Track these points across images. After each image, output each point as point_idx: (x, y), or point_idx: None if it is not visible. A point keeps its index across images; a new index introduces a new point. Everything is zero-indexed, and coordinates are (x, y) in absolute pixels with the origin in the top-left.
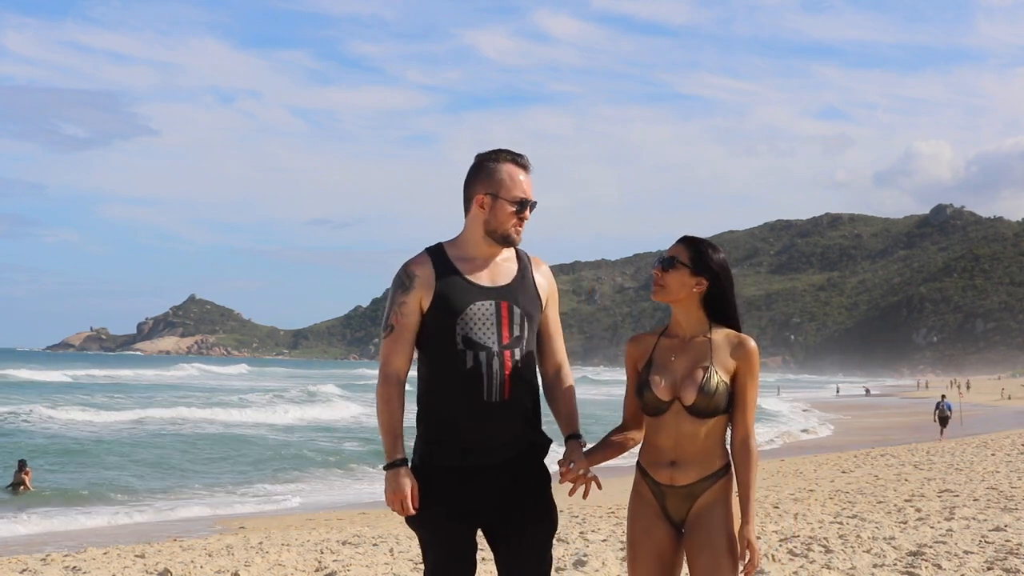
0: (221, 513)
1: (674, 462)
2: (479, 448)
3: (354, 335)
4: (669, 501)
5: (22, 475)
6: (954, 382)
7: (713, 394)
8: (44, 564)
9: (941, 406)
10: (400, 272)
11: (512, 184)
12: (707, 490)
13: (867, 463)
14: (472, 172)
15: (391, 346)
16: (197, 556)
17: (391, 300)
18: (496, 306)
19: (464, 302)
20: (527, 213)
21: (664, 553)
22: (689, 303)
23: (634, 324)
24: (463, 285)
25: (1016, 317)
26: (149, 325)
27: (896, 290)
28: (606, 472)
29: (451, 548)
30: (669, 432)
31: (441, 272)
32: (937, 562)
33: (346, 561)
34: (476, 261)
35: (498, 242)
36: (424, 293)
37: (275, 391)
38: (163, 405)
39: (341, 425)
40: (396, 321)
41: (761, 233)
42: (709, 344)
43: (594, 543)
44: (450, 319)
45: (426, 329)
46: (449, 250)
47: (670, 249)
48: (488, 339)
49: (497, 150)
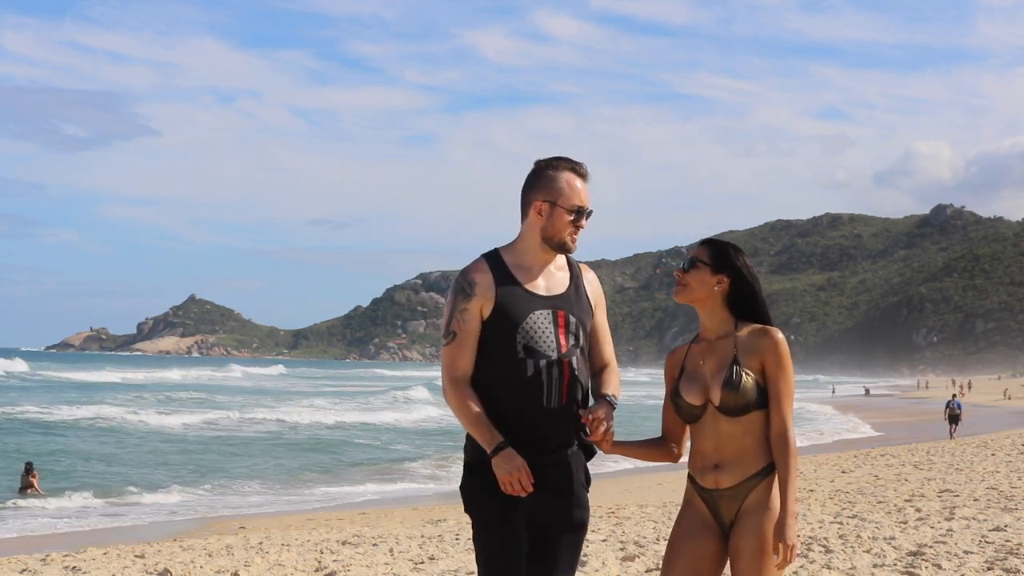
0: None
1: (717, 465)
2: (537, 447)
3: (354, 335)
4: (719, 505)
5: (29, 478)
6: (954, 382)
7: (738, 390)
8: (44, 564)
9: (951, 405)
10: (460, 280)
11: (571, 192)
12: (753, 490)
13: (867, 463)
14: (531, 178)
15: (455, 352)
16: (197, 556)
17: (452, 307)
18: (553, 315)
19: (524, 312)
20: (584, 222)
21: (700, 562)
22: (712, 303)
23: (634, 324)
24: (522, 294)
25: (1016, 317)
26: (149, 325)
27: (896, 290)
28: (607, 474)
29: (511, 540)
30: (709, 436)
31: (500, 280)
32: (937, 562)
33: (346, 561)
34: (532, 269)
35: (554, 249)
36: (485, 301)
37: (361, 394)
38: (266, 406)
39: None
40: (458, 328)
41: (761, 233)
42: (734, 342)
43: (594, 543)
44: (511, 328)
45: (486, 336)
46: (506, 257)
47: (691, 251)
48: (547, 348)
49: (557, 157)
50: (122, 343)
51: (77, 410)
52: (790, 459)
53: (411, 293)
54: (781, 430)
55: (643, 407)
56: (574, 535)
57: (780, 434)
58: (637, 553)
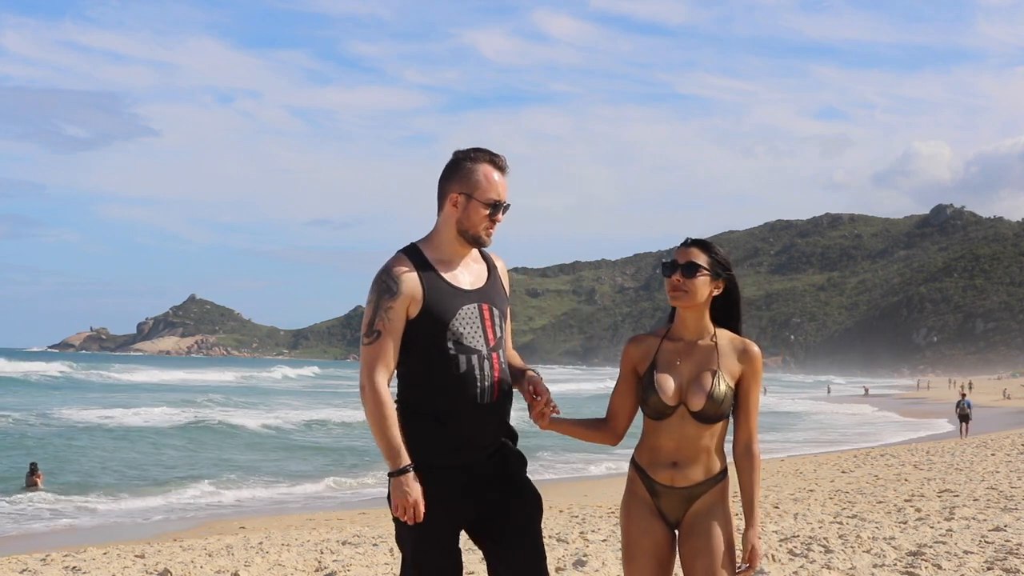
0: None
1: (676, 463)
2: (470, 445)
3: (354, 335)
4: (664, 501)
5: (34, 478)
6: (951, 382)
7: (721, 401)
8: (44, 564)
9: (962, 404)
10: (383, 277)
11: (488, 185)
12: (705, 493)
13: (867, 463)
14: (448, 169)
15: (378, 351)
16: (197, 556)
17: (375, 305)
18: (479, 309)
19: (453, 307)
20: (500, 216)
21: (661, 553)
22: (703, 308)
23: (634, 324)
24: (448, 290)
25: (1016, 317)
26: (149, 325)
27: (896, 290)
28: (607, 474)
29: (443, 545)
30: (671, 435)
31: (425, 276)
32: (937, 562)
33: (346, 561)
34: (453, 262)
35: (469, 243)
36: (412, 299)
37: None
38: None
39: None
40: (383, 327)
41: (761, 233)
42: (715, 349)
43: (594, 543)
44: (441, 325)
45: (414, 334)
46: (426, 251)
47: (683, 253)
48: (477, 343)
49: (476, 148)
50: (122, 343)
51: (178, 413)
52: (757, 470)
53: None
54: (748, 440)
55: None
56: (527, 515)
57: (747, 444)
58: None
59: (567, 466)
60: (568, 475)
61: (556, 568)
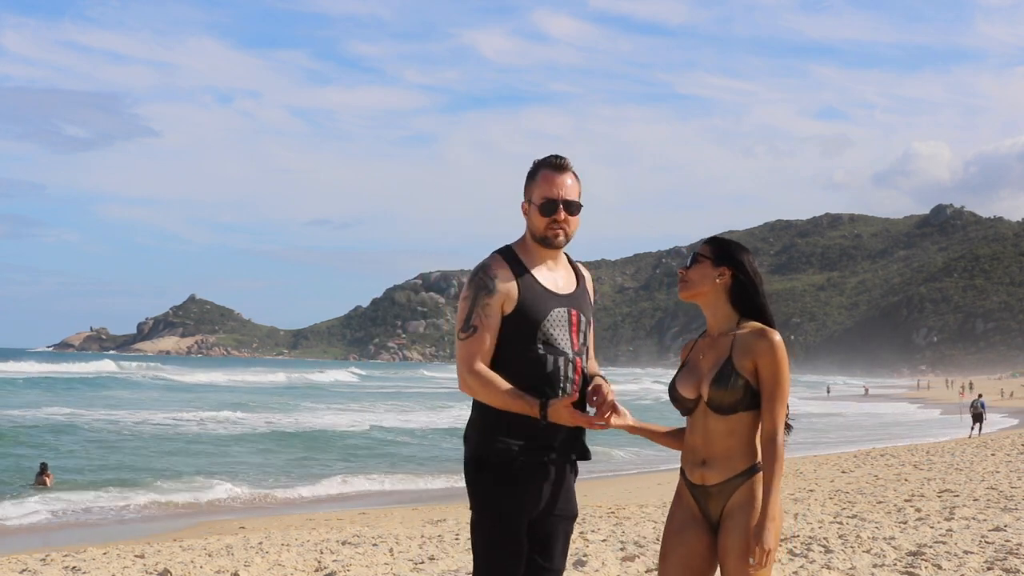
0: None
1: (705, 461)
2: (548, 445)
3: (354, 335)
4: (706, 502)
5: (43, 477)
6: (949, 382)
7: (727, 388)
8: (44, 564)
9: (975, 404)
10: (480, 274)
11: (544, 187)
12: (737, 490)
13: (867, 463)
14: (526, 179)
15: (475, 346)
16: (197, 556)
17: (472, 301)
18: (568, 313)
19: (546, 307)
20: (561, 214)
21: (693, 555)
22: (715, 298)
23: (634, 324)
24: (541, 291)
25: (1016, 317)
26: (149, 325)
27: (896, 290)
28: (607, 474)
29: (518, 534)
30: (698, 431)
31: (520, 276)
32: (937, 562)
33: (346, 561)
34: (542, 267)
35: (543, 246)
36: (507, 297)
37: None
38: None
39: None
40: (479, 322)
41: (761, 233)
42: (733, 339)
43: (594, 543)
44: (533, 324)
45: (506, 332)
46: (520, 254)
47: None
48: (564, 345)
49: (548, 155)
50: (122, 343)
51: (331, 417)
52: (776, 463)
53: (411, 293)
54: (771, 433)
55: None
56: (568, 524)
57: (769, 437)
58: (637, 553)
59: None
60: None
61: None
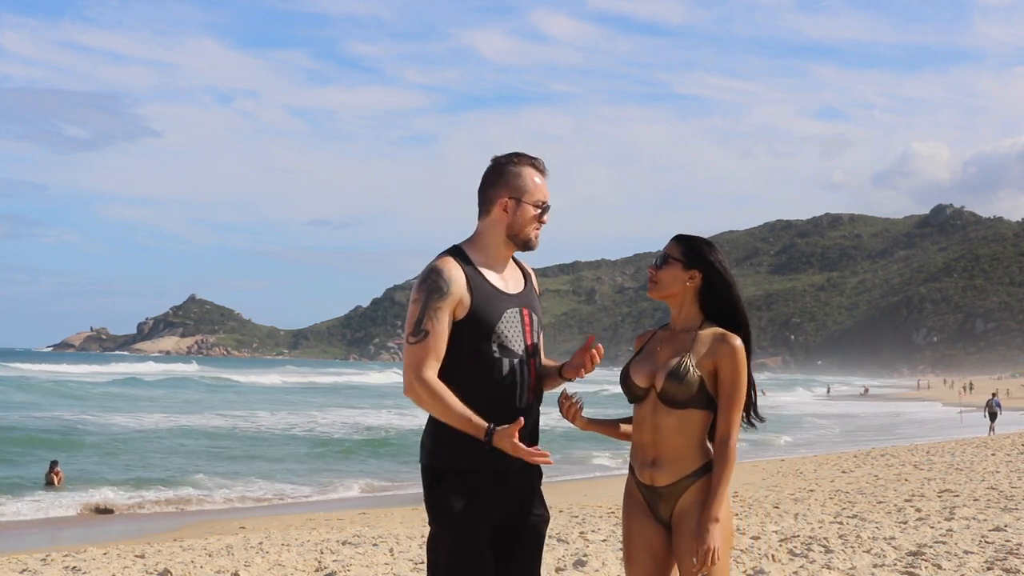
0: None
1: (654, 461)
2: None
3: (354, 335)
4: (655, 502)
5: (52, 475)
6: (948, 382)
7: (682, 381)
8: (44, 564)
9: (991, 403)
10: (432, 277)
11: (535, 188)
12: (687, 490)
13: (867, 463)
14: (492, 175)
15: (424, 351)
16: (197, 556)
17: (424, 305)
18: (520, 313)
19: (499, 309)
20: (546, 217)
21: (657, 552)
22: (684, 299)
23: (634, 324)
24: (493, 293)
25: (1016, 317)
26: (149, 325)
27: (896, 290)
28: (606, 475)
29: (479, 553)
30: (647, 426)
31: (472, 278)
32: (937, 562)
33: (346, 561)
34: (496, 267)
35: (518, 246)
36: (459, 299)
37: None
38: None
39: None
40: (431, 327)
41: (761, 233)
42: (695, 337)
43: (594, 543)
44: (487, 325)
45: (458, 335)
46: (471, 254)
47: (664, 248)
48: (517, 346)
49: (516, 153)
50: (122, 343)
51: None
52: (727, 465)
53: (411, 293)
54: (724, 436)
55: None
56: (539, 529)
57: (723, 440)
58: None
59: (567, 466)
60: (568, 475)
61: (556, 568)
